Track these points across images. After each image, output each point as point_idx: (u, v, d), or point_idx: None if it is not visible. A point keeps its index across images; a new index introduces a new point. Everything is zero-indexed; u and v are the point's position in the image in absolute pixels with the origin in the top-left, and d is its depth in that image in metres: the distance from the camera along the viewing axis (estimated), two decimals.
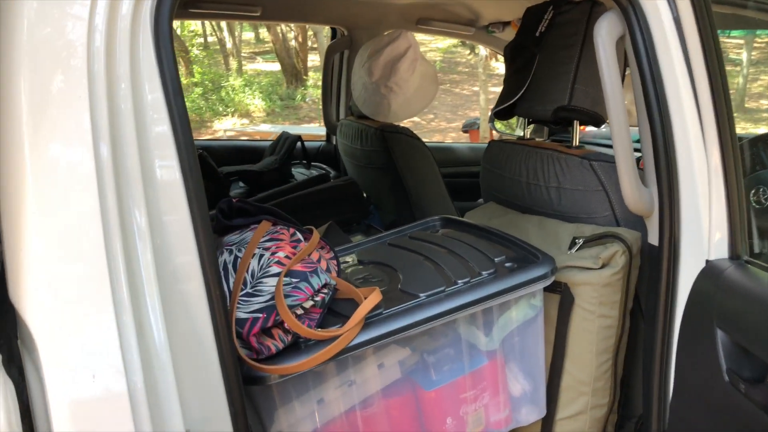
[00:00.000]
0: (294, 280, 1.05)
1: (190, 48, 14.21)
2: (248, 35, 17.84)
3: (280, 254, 1.08)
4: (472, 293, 1.12)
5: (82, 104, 0.75)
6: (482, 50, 10.09)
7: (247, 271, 1.07)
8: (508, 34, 2.44)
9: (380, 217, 2.09)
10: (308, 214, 1.83)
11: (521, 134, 3.24)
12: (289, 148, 2.31)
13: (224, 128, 10.93)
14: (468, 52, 15.41)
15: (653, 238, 1.21)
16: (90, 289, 0.75)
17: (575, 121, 1.41)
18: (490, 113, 3.05)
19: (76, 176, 0.75)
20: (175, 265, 0.84)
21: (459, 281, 1.16)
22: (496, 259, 1.23)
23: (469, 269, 1.19)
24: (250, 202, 1.22)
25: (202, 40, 16.08)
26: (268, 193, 1.99)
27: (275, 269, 1.06)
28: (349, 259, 1.38)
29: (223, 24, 15.19)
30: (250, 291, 1.04)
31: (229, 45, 15.43)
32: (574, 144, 1.43)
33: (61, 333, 0.73)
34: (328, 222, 1.72)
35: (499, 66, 13.90)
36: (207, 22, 15.25)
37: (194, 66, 13.60)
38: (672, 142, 1.13)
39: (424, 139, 2.08)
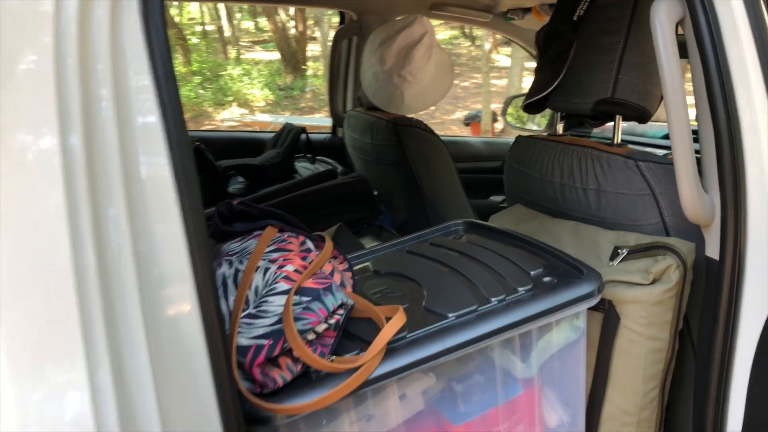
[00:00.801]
0: (305, 299, 0.90)
1: (188, 36, 14.01)
2: (247, 24, 17.63)
3: (289, 268, 0.93)
4: (509, 314, 0.97)
5: (47, 87, 0.60)
6: (485, 42, 9.92)
7: (250, 288, 0.92)
8: (528, 22, 2.29)
9: (391, 217, 1.94)
10: (314, 214, 1.68)
11: (534, 128, 3.10)
12: (292, 140, 2.15)
13: (221, 118, 10.75)
14: (469, 43, 15.24)
15: (712, 251, 1.06)
16: (53, 315, 0.59)
17: (618, 116, 1.26)
18: (504, 105, 2.90)
19: (38, 173, 0.60)
20: (163, 283, 0.69)
21: (492, 299, 1.01)
22: (532, 273, 1.08)
23: (504, 284, 1.04)
24: (253, 205, 1.06)
25: (200, 28, 15.88)
26: (270, 190, 1.84)
27: (283, 286, 0.91)
28: (362, 267, 1.23)
29: (222, 12, 14.99)
30: (253, 312, 0.89)
31: (228, 34, 15.23)
32: (615, 141, 1.28)
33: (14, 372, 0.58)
34: (337, 224, 1.57)
35: (500, 58, 13.73)
36: (206, 9, 15.05)
37: (192, 54, 13.40)
38: (740, 141, 0.98)
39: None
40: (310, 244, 1.03)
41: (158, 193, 0.67)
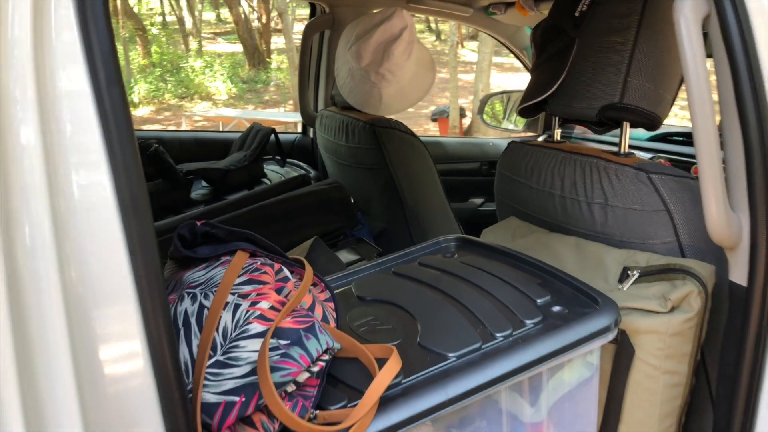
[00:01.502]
0: (283, 343, 0.76)
1: (148, 27, 13.59)
2: (209, 15, 17.22)
3: (263, 305, 0.78)
4: (519, 354, 0.84)
5: None
6: (452, 36, 9.83)
7: (218, 330, 0.77)
8: (511, 17, 2.17)
9: (368, 225, 1.80)
10: (286, 225, 1.53)
11: (510, 127, 2.99)
12: (260, 142, 1.99)
13: (184, 112, 10.43)
14: (434, 38, 15.15)
15: (738, 276, 0.95)
16: None
17: (625, 123, 1.15)
18: (480, 104, 2.79)
19: None
20: (99, 333, 0.54)
21: (498, 334, 0.88)
22: (539, 301, 0.96)
23: (508, 316, 0.92)
24: (220, 226, 0.91)
25: (160, 18, 15.44)
26: (236, 198, 1.68)
27: (257, 327, 0.76)
28: (344, 292, 1.09)
29: (183, 2, 14.60)
30: (221, 359, 0.75)
31: (189, 25, 14.83)
32: (622, 151, 1.16)
33: None
34: (312, 237, 1.42)
35: (466, 54, 13.68)
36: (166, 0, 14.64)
37: (152, 46, 12.99)
38: None
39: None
40: (286, 271, 0.89)
41: (94, 218, 0.52)
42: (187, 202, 1.85)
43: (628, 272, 1.06)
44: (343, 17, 2.12)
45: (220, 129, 8.61)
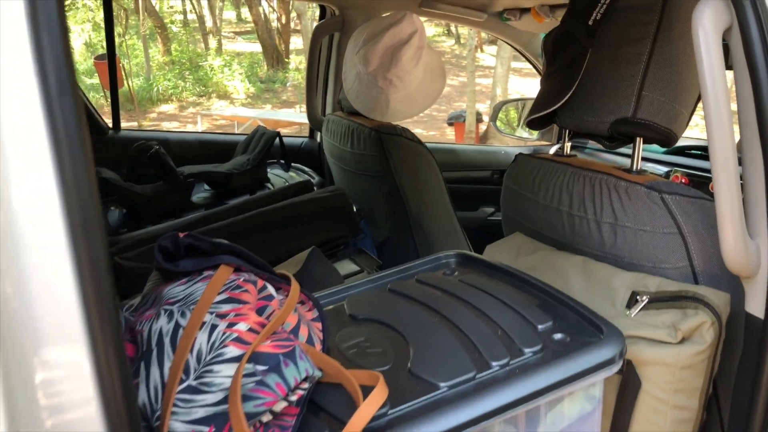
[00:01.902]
0: (260, 368, 0.71)
1: (168, 25, 13.66)
2: (229, 15, 17.29)
3: (241, 327, 0.74)
4: (515, 385, 0.79)
5: None
6: (471, 40, 9.75)
7: (191, 352, 0.72)
8: (526, 24, 2.11)
9: (371, 233, 1.75)
10: (285, 233, 1.48)
11: (524, 135, 2.92)
12: (264, 145, 1.94)
13: (202, 111, 10.44)
14: (453, 42, 15.08)
15: (755, 307, 0.89)
16: None
17: (639, 139, 1.08)
18: (493, 111, 2.73)
19: None
20: (39, 376, 0.49)
21: (494, 363, 0.83)
22: (540, 327, 0.90)
23: (507, 343, 0.86)
24: (203, 238, 0.87)
25: (181, 17, 15.53)
26: (235, 204, 1.64)
27: (233, 351, 0.71)
28: (336, 308, 1.04)
29: (204, 1, 14.66)
30: (194, 384, 0.70)
31: (209, 24, 14.90)
32: (634, 168, 1.10)
33: None
34: (310, 246, 1.37)
35: (484, 57, 13.59)
36: None
37: (172, 44, 13.06)
38: None
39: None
40: (271, 289, 0.84)
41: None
42: (188, 206, 1.81)
43: (637, 297, 1.00)
44: (352, 20, 2.08)
45: (236, 128, 8.61)
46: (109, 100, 2.21)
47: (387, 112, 1.73)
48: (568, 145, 1.25)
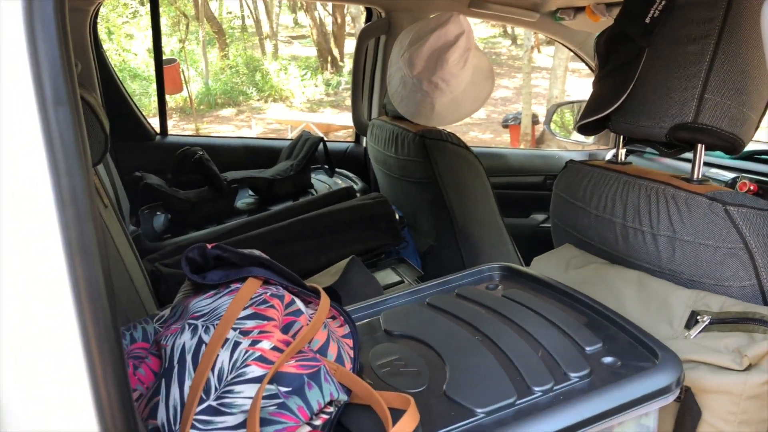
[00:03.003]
0: (283, 390, 0.67)
1: (227, 29, 13.95)
2: (286, 20, 17.53)
3: (265, 345, 0.70)
4: (558, 413, 0.73)
5: None
6: (526, 41, 9.57)
7: (213, 370, 0.69)
8: (580, 23, 2.02)
9: (415, 242, 1.70)
10: (325, 240, 1.45)
11: (580, 139, 2.82)
12: (308, 151, 1.92)
13: (257, 115, 10.61)
14: (510, 43, 14.86)
15: None
16: None
17: (700, 145, 1.00)
18: (548, 113, 2.64)
19: None
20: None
21: (536, 388, 0.77)
22: (588, 350, 0.83)
23: (551, 366, 0.80)
24: (232, 249, 0.84)
25: (239, 22, 15.83)
26: (279, 209, 1.61)
27: (255, 371, 0.68)
28: (370, 323, 0.99)
29: (261, 6, 14.91)
30: (214, 405, 0.67)
31: (266, 29, 15.14)
32: (695, 177, 1.01)
33: None
34: (350, 256, 1.34)
35: (542, 58, 13.33)
36: (245, 3, 15.01)
37: (229, 48, 13.33)
38: None
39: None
40: (299, 304, 0.80)
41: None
42: (231, 211, 1.81)
43: (698, 318, 0.92)
44: (399, 22, 2.03)
45: (289, 132, 8.69)
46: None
47: (432, 117, 1.68)
48: (622, 151, 1.17)
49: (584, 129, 1.15)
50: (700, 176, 1.01)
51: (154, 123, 2.38)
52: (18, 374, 0.44)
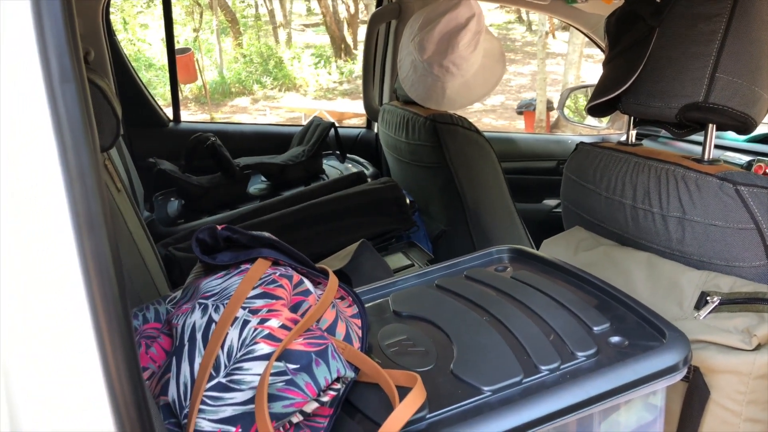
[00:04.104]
0: (291, 367, 0.68)
1: (240, 18, 13.95)
2: (298, 8, 17.49)
3: (273, 323, 0.71)
4: (564, 392, 0.73)
5: None
6: (541, 26, 9.48)
7: (222, 348, 0.70)
8: (593, 6, 2.00)
9: (426, 227, 1.70)
10: (336, 225, 1.46)
11: (594, 124, 2.79)
12: (319, 137, 1.93)
13: (270, 104, 10.62)
14: (524, 29, 14.72)
15: None
16: None
17: (711, 125, 0.99)
18: (561, 97, 2.62)
19: None
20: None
21: (543, 367, 0.77)
22: (596, 329, 0.84)
23: (558, 346, 0.80)
24: (242, 231, 0.85)
25: (253, 11, 15.82)
26: (290, 195, 1.62)
27: (263, 348, 0.69)
28: (379, 305, 1.00)
29: None
30: (223, 381, 0.68)
31: (279, 17, 15.12)
32: (706, 158, 1.01)
33: None
34: (360, 239, 1.34)
35: (557, 44, 13.19)
36: None
37: (243, 37, 13.34)
38: None
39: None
40: (308, 284, 0.81)
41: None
42: (244, 197, 1.82)
43: (707, 298, 0.91)
44: (410, 6, 2.02)
45: (303, 120, 8.70)
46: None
47: (443, 101, 1.68)
48: (633, 133, 1.16)
49: (594, 110, 1.14)
50: (711, 157, 1.00)
51: (170, 113, 2.40)
52: (25, 345, 0.45)
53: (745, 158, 1.88)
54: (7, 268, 0.45)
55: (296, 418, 0.67)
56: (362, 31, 13.54)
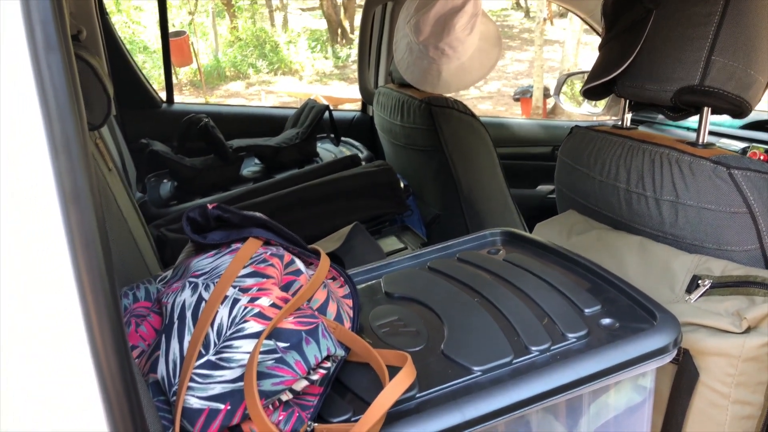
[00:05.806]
0: (281, 345, 0.68)
1: (236, 2, 13.84)
2: None
3: (263, 301, 0.71)
4: (554, 373, 0.73)
5: None
6: (539, 12, 9.42)
7: (212, 326, 0.70)
8: None
9: (420, 211, 1.70)
10: (329, 208, 1.45)
11: (590, 109, 2.79)
12: (314, 119, 1.92)
13: (266, 88, 10.56)
14: (522, 15, 14.65)
15: None
16: None
17: (706, 109, 0.99)
18: (557, 83, 2.61)
19: None
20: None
21: (533, 348, 0.77)
22: (587, 311, 0.84)
23: (549, 327, 0.80)
24: (233, 210, 0.84)
25: None
26: (283, 177, 1.62)
27: (253, 326, 0.69)
28: (372, 286, 1.00)
29: None
30: (213, 359, 0.68)
31: (276, 1, 15.00)
32: (700, 141, 1.00)
33: None
34: (353, 222, 1.34)
35: (555, 31, 13.14)
36: None
37: (238, 20, 13.23)
38: None
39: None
40: (299, 264, 0.81)
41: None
42: (237, 179, 1.81)
43: (699, 282, 0.91)
44: None
45: (299, 105, 8.66)
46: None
47: (438, 84, 1.67)
48: (627, 116, 1.16)
49: (590, 93, 1.14)
50: (705, 141, 1.00)
51: (164, 96, 2.38)
52: (16, 318, 0.45)
53: (740, 145, 1.88)
54: None
55: (286, 396, 0.67)
56: (359, 16, 13.48)
